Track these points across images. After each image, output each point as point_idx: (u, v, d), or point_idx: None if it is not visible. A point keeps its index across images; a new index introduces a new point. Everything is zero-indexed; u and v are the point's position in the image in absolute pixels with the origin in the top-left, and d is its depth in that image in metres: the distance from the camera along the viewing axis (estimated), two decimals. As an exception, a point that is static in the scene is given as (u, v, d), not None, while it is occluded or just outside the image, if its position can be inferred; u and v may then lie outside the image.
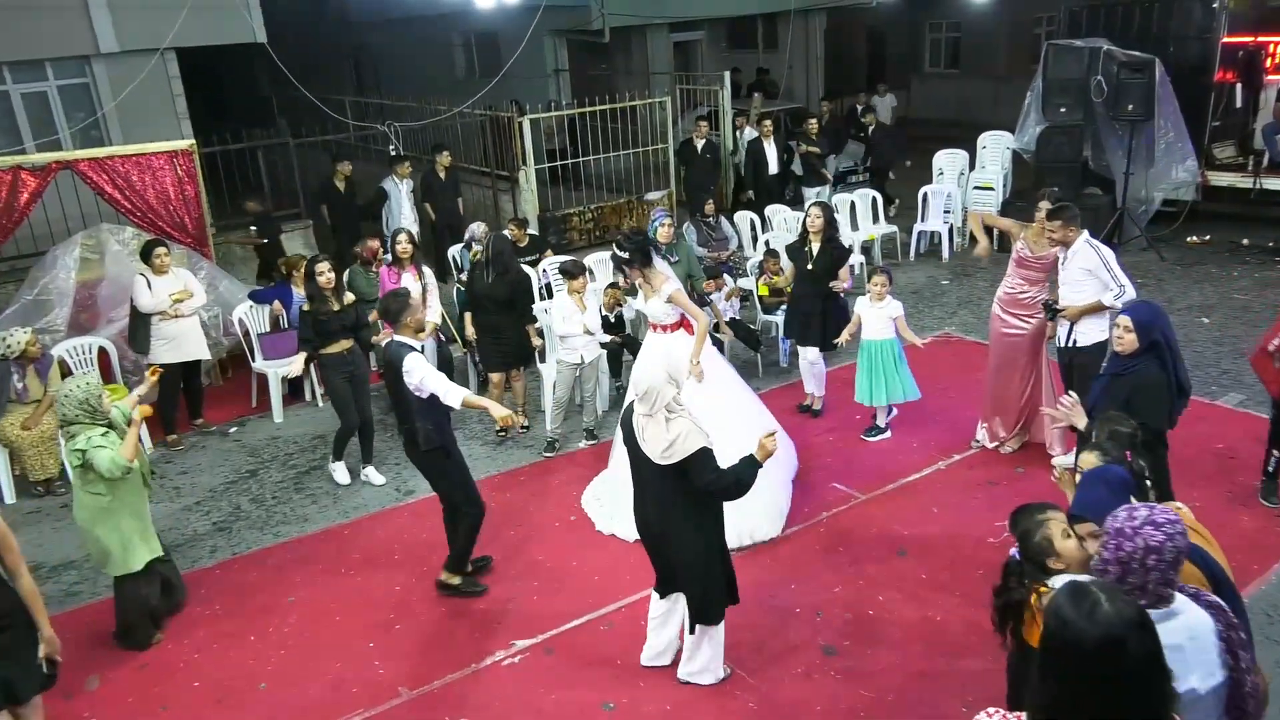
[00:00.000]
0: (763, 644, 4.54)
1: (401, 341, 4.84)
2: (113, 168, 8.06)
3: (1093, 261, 5.50)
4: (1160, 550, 2.38)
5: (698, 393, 5.39)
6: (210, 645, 4.82)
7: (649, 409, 3.77)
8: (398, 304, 4.97)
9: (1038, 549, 3.00)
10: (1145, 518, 2.43)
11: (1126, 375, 4.33)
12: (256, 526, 6.00)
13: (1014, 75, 17.07)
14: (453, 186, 10.65)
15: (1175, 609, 2.43)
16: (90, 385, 4.60)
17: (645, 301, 5.70)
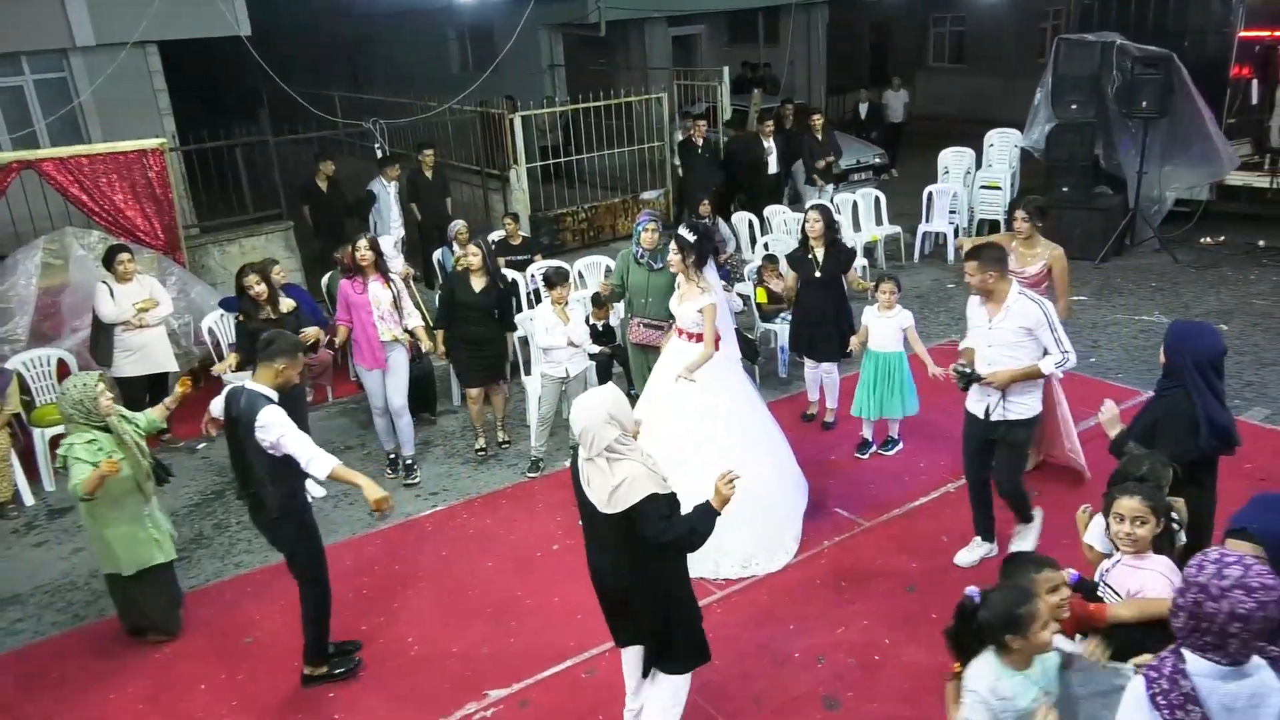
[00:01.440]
0: (761, 697, 4.15)
1: (258, 391, 4.07)
2: (78, 167, 7.67)
3: (1033, 318, 4.43)
4: (1248, 619, 2.09)
5: (708, 418, 5.07)
6: (159, 697, 4.42)
7: (587, 452, 3.30)
8: (283, 344, 4.19)
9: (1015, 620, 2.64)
10: (1237, 579, 2.11)
11: (1159, 397, 3.92)
12: (217, 556, 5.61)
13: (1022, 70, 16.66)
14: (440, 186, 10.26)
15: (1247, 669, 2.15)
16: (87, 386, 4.44)
17: (679, 303, 5.29)
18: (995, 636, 2.67)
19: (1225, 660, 2.13)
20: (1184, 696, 2.14)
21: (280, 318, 6.04)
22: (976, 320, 4.65)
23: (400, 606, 4.95)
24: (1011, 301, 4.46)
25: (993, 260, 4.43)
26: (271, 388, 4.12)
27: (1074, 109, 10.19)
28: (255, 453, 4.02)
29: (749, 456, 5.07)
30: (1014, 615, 2.64)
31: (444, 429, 7.19)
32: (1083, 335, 8.22)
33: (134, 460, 4.55)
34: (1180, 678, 2.16)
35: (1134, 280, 9.59)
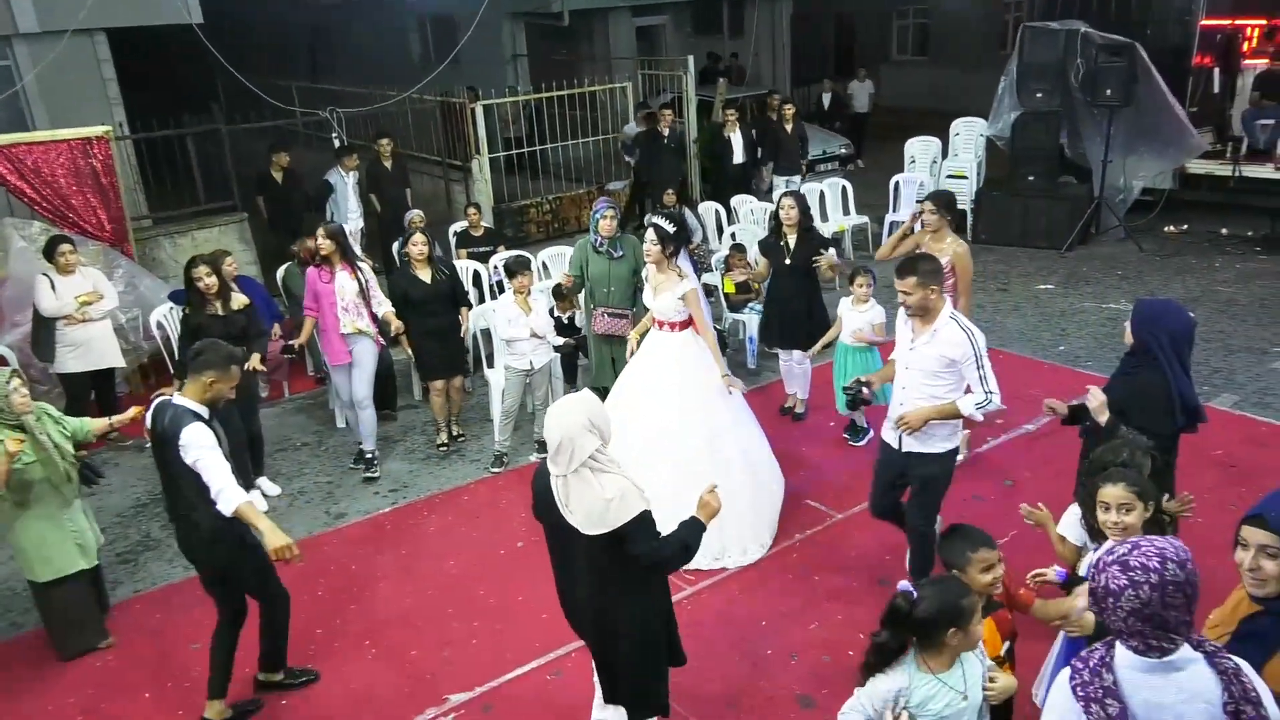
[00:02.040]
0: (735, 697, 4.01)
1: (184, 406, 3.71)
2: (16, 155, 7.34)
3: (960, 350, 3.93)
4: (1118, 595, 2.02)
5: (686, 410, 4.95)
6: (98, 705, 4.20)
7: (564, 468, 2.98)
8: (212, 356, 3.79)
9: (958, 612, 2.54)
10: (1119, 555, 2.06)
11: (1128, 375, 3.84)
12: (165, 558, 5.37)
13: (985, 63, 16.67)
14: (400, 176, 9.99)
15: (1174, 660, 2.02)
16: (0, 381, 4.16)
17: (654, 296, 5.10)
18: (936, 632, 2.55)
19: (1142, 649, 2.03)
20: (1104, 690, 2.03)
21: (229, 315, 5.77)
22: (899, 339, 4.20)
23: (358, 608, 4.75)
24: (941, 325, 3.96)
25: (931, 274, 3.92)
26: (200, 403, 3.74)
27: (1039, 97, 10.18)
28: (182, 471, 3.67)
29: (725, 448, 4.96)
30: (957, 608, 2.53)
31: (405, 424, 6.97)
32: (1051, 323, 8.20)
33: (49, 462, 4.28)
34: (1104, 670, 2.06)
35: (1100, 269, 9.59)
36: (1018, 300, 8.83)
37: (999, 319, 8.36)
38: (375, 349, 6.09)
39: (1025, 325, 8.18)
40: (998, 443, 6.13)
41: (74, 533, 4.44)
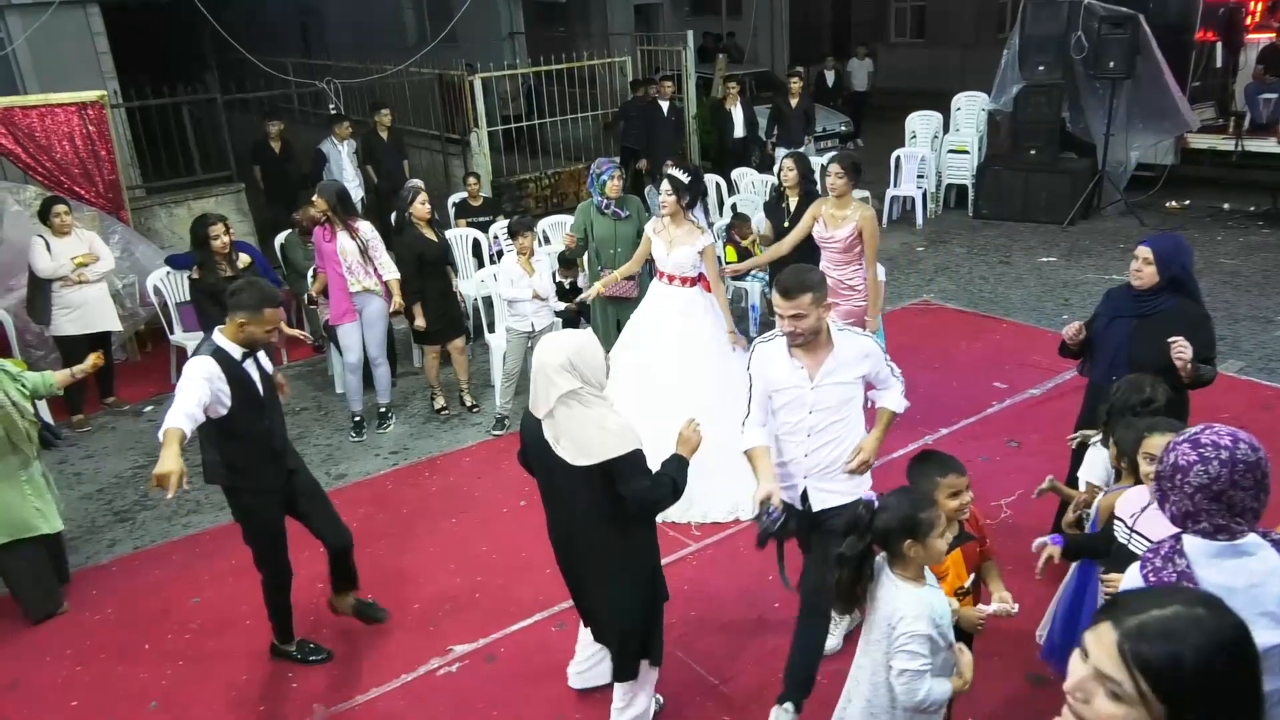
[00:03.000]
0: (741, 649, 3.97)
1: (213, 341, 3.57)
2: (10, 119, 7.25)
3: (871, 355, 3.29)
4: (1186, 470, 2.01)
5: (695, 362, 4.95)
6: (96, 656, 4.14)
7: (540, 409, 2.94)
8: (244, 296, 3.55)
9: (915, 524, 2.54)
10: (1190, 435, 2.05)
11: (1158, 314, 3.76)
12: (164, 517, 5.31)
13: (982, 43, 16.64)
14: (396, 148, 9.92)
15: (1243, 545, 2.01)
16: None
17: (669, 248, 5.03)
18: (893, 543, 2.56)
19: (1209, 532, 2.01)
20: (1178, 574, 2.02)
21: (237, 274, 5.70)
22: (786, 382, 3.26)
23: (359, 564, 4.69)
24: (837, 343, 3.22)
25: (823, 285, 3.18)
26: (234, 342, 3.57)
27: (1041, 70, 10.10)
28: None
29: (735, 403, 4.92)
30: (914, 519, 2.53)
31: (404, 389, 6.91)
32: (1054, 294, 8.16)
33: (9, 420, 4.19)
34: (1177, 556, 2.05)
35: (1103, 242, 9.55)
36: (1020, 272, 8.78)
37: (1001, 290, 8.32)
38: (385, 307, 6.02)
39: (1028, 296, 8.14)
40: (1002, 406, 6.10)
41: (31, 495, 4.33)
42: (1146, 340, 3.73)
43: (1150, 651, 1.30)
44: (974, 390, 6.30)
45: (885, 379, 3.34)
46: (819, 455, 3.28)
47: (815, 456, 3.28)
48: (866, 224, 5.14)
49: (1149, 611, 1.33)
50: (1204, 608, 1.36)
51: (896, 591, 2.58)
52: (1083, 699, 1.37)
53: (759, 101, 12.18)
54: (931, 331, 7.42)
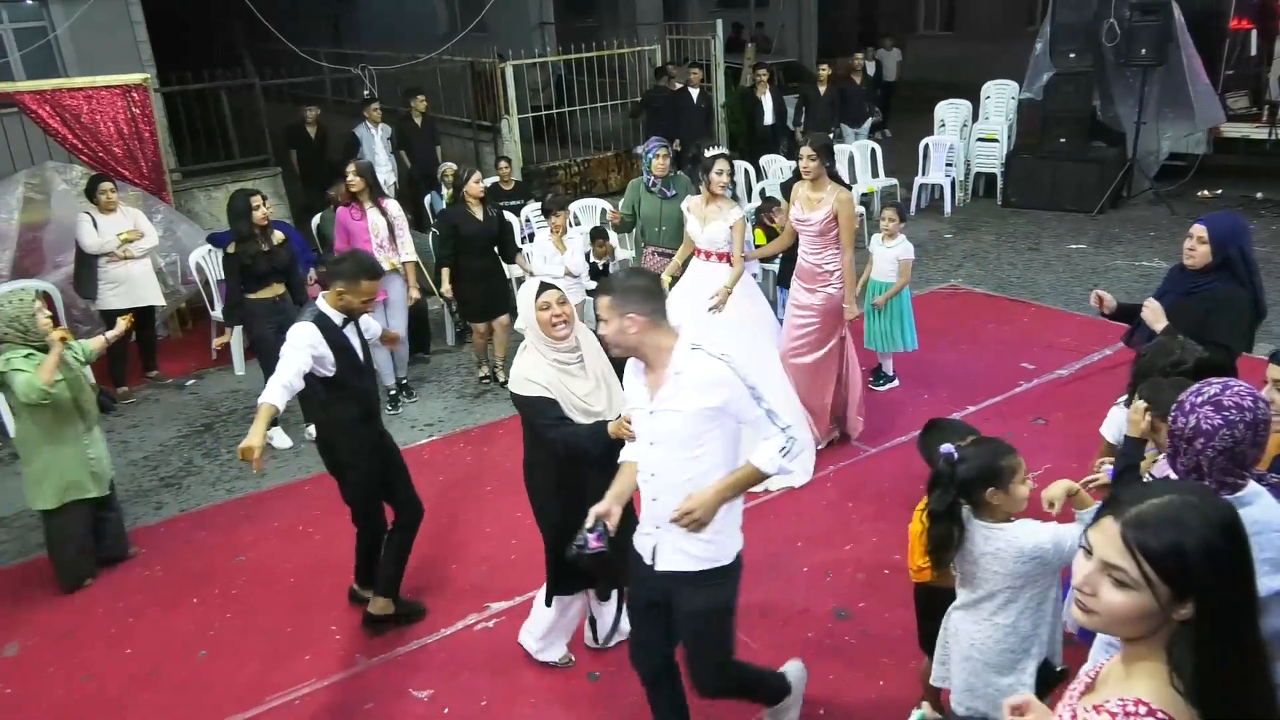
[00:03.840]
0: (770, 608, 4.06)
1: (314, 307, 3.75)
2: (59, 101, 7.45)
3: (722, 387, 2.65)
4: (1211, 435, 2.08)
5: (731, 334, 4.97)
6: (146, 609, 4.31)
7: None
8: (344, 266, 3.74)
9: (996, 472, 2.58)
10: (1211, 395, 2.11)
11: (1199, 293, 3.78)
12: (208, 482, 5.48)
13: (1011, 35, 16.53)
14: (430, 134, 10.06)
15: (1243, 496, 2.11)
16: (23, 301, 4.21)
17: (703, 225, 5.13)
18: (976, 492, 2.60)
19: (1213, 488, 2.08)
20: None
21: (273, 249, 5.84)
22: (632, 400, 2.88)
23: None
24: (681, 365, 2.66)
25: (631, 293, 2.68)
26: (334, 309, 3.75)
27: (1072, 58, 10.08)
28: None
29: (768, 377, 5.01)
30: (996, 467, 2.57)
31: (438, 367, 7.05)
32: (1082, 280, 8.16)
33: (78, 383, 4.34)
34: None
35: (1132, 230, 9.53)
36: (1049, 259, 8.79)
37: (1030, 275, 8.34)
38: (405, 285, 6.15)
39: (1057, 281, 8.16)
40: (1029, 386, 6.14)
41: (92, 460, 4.45)
42: (1183, 320, 3.73)
43: (1152, 536, 1.38)
44: (1001, 370, 6.34)
45: (757, 422, 2.67)
46: (666, 502, 2.71)
47: (662, 503, 2.73)
48: (843, 207, 4.99)
49: (1147, 501, 1.42)
50: (1196, 495, 1.46)
51: (1000, 534, 2.59)
52: (1090, 592, 1.44)
53: (787, 91, 12.21)
54: (959, 314, 7.47)
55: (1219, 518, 1.41)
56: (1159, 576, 1.37)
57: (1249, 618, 1.41)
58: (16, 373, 4.08)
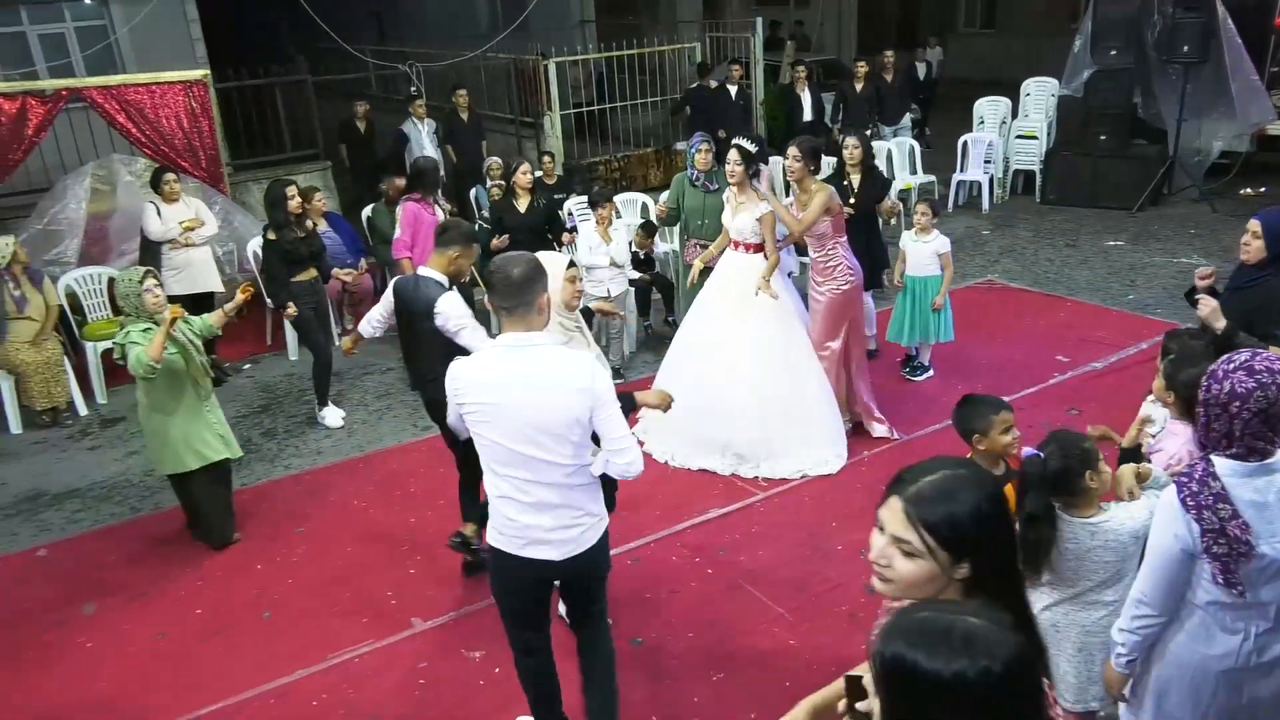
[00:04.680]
0: (804, 582, 4.23)
1: (430, 277, 4.06)
2: (124, 96, 7.77)
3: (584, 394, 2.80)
4: (1246, 398, 2.18)
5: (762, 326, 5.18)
6: (214, 574, 4.57)
7: None
8: (456, 233, 4.11)
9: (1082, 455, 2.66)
10: (1242, 362, 2.22)
11: (1252, 286, 3.85)
12: (267, 459, 5.74)
13: (1054, 33, 16.44)
14: (475, 129, 10.31)
15: (1272, 463, 2.22)
16: (131, 280, 4.47)
17: (733, 215, 5.29)
18: (1075, 480, 2.64)
19: (1241, 453, 2.20)
20: (1214, 496, 2.20)
21: (308, 236, 6.10)
22: None
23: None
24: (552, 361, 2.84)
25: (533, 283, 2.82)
26: (444, 274, 4.08)
27: (1112, 55, 10.06)
28: (428, 336, 4.02)
29: (801, 366, 5.19)
30: (1087, 451, 2.65)
31: (483, 354, 7.27)
32: (1120, 276, 8.20)
33: (187, 355, 4.59)
34: (1210, 479, 2.22)
35: (1172, 228, 9.52)
36: (1086, 254, 8.82)
37: (1067, 271, 8.38)
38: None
39: (1094, 277, 8.20)
40: (1064, 378, 6.22)
41: (215, 424, 4.71)
42: (1236, 311, 3.78)
43: (929, 510, 1.56)
44: (1036, 362, 6.43)
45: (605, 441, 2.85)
46: None
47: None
48: (828, 200, 5.11)
49: (924, 479, 1.59)
50: (965, 468, 1.63)
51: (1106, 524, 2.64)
52: (885, 564, 1.62)
53: (826, 88, 12.30)
54: (995, 308, 7.55)
55: (985, 489, 1.59)
56: (939, 544, 1.55)
57: (1013, 567, 1.62)
58: (132, 345, 4.34)
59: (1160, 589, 2.31)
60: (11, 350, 6.08)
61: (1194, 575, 2.27)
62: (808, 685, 2.05)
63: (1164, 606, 2.32)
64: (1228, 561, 2.18)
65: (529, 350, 2.77)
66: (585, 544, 2.94)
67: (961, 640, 1.32)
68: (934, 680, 1.30)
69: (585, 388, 2.74)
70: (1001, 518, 1.60)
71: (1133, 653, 2.42)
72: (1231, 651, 2.28)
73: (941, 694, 1.30)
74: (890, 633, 1.38)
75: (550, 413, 2.74)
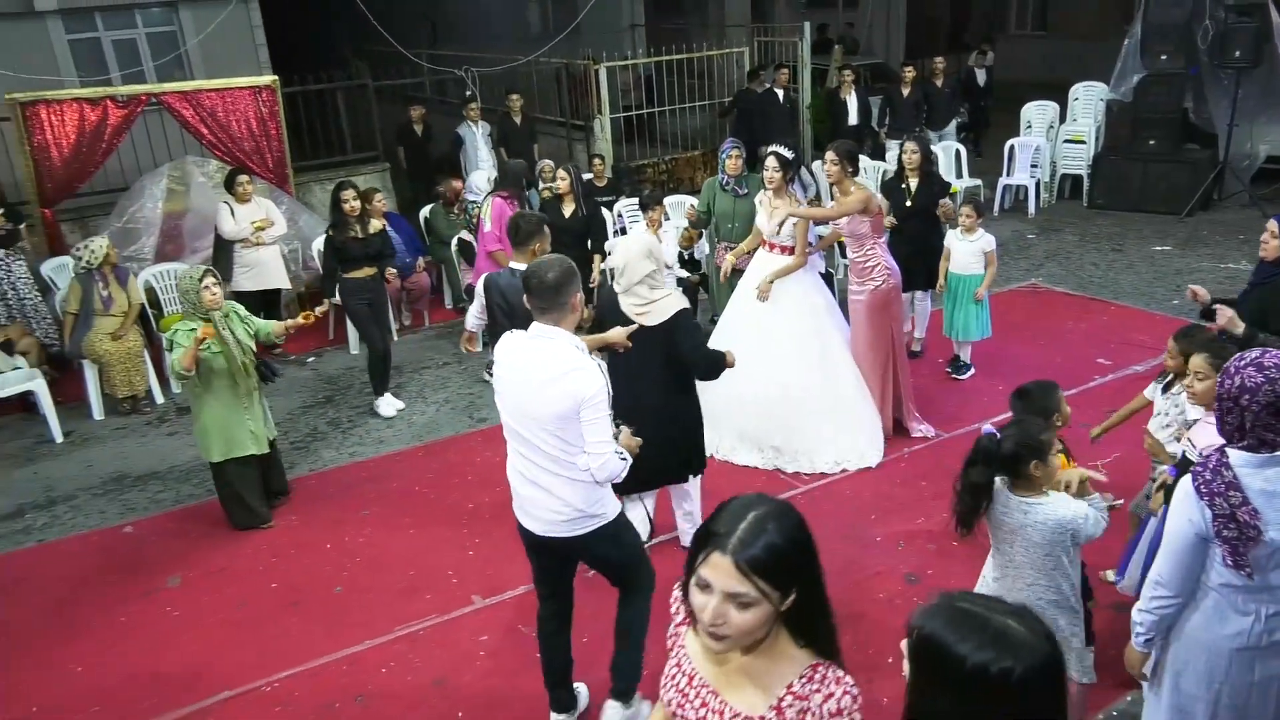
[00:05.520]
0: (845, 570, 4.41)
1: (513, 269, 4.48)
2: (198, 100, 8.18)
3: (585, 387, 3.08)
4: (1255, 392, 2.34)
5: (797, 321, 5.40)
6: (287, 551, 4.88)
7: (625, 284, 3.97)
8: (529, 225, 4.51)
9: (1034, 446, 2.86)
10: (1252, 359, 2.39)
11: (1265, 284, 4.00)
12: (333, 446, 6.06)
13: (1107, 35, 16.32)
14: (528, 132, 10.60)
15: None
16: (191, 278, 4.76)
17: (769, 220, 5.47)
18: (1021, 465, 2.87)
19: (1253, 445, 2.36)
20: (1225, 484, 2.37)
21: (368, 237, 6.39)
22: None
23: (502, 490, 5.27)
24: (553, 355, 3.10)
25: None
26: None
27: (1163, 59, 10.05)
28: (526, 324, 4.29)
29: (836, 357, 5.38)
30: (1038, 441, 2.86)
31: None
32: (1165, 280, 8.24)
33: (230, 354, 4.83)
34: (1223, 469, 2.40)
35: (1221, 233, 9.50)
36: (1132, 259, 8.86)
37: (1112, 275, 8.44)
38: None
39: (1139, 281, 8.24)
40: (1104, 380, 6.32)
41: (249, 421, 4.98)
42: (1254, 307, 3.97)
43: (755, 554, 1.59)
44: (1077, 365, 6.53)
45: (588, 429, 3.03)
46: None
47: None
48: (866, 203, 5.27)
49: (738, 528, 1.62)
50: (763, 504, 1.68)
51: (1040, 506, 2.88)
52: (721, 622, 1.62)
53: (872, 92, 12.39)
54: (1038, 312, 7.64)
55: (790, 518, 1.66)
56: (770, 585, 1.60)
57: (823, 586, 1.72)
58: (176, 346, 4.65)
59: (1176, 571, 2.48)
60: (96, 342, 6.47)
61: (1207, 559, 2.44)
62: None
63: (1179, 588, 2.49)
64: (1237, 545, 2.34)
65: (543, 342, 3.05)
66: (571, 532, 3.18)
67: (993, 636, 1.45)
68: (956, 665, 1.45)
69: (573, 391, 2.96)
70: (809, 539, 1.68)
71: (1150, 632, 2.59)
72: (1243, 631, 2.44)
73: (960, 680, 1.45)
74: (932, 611, 1.54)
75: (540, 403, 3.00)
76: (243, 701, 3.82)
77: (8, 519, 5.39)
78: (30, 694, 3.94)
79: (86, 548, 5.06)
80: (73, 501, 5.54)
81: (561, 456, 3.05)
